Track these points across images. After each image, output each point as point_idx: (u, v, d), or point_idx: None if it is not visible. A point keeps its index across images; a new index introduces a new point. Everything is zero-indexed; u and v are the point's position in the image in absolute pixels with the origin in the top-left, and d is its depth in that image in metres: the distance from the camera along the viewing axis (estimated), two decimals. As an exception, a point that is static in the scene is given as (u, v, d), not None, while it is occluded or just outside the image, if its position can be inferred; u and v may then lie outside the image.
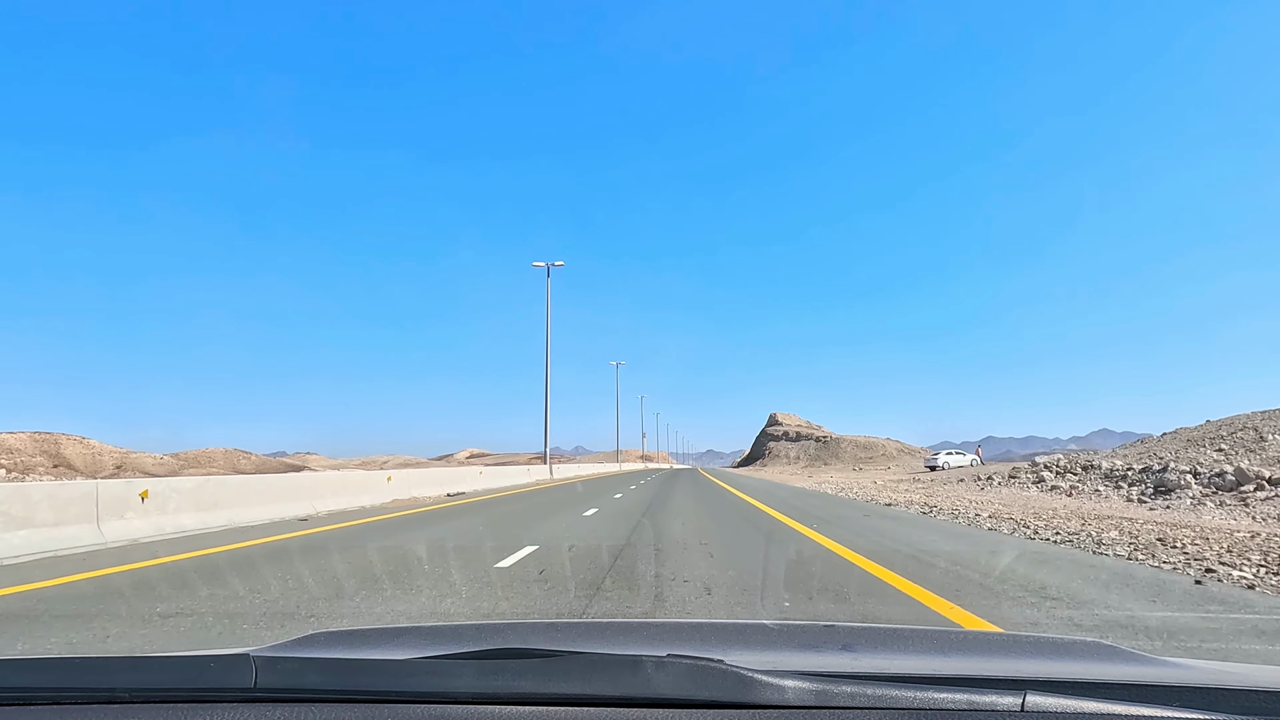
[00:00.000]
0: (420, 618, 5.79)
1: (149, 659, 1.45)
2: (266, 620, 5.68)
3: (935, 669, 1.49)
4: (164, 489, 12.25)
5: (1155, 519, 15.20)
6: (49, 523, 10.09)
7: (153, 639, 5.22)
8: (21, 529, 9.71)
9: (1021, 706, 1.19)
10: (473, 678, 1.28)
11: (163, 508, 12.05)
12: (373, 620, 5.73)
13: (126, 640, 5.18)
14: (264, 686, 1.29)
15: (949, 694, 1.22)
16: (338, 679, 1.33)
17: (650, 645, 1.75)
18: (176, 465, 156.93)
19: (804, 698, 1.22)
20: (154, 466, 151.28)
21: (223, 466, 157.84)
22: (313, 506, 16.49)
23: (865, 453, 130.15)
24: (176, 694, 1.32)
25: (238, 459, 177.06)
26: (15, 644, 5.18)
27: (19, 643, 5.21)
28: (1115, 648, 1.72)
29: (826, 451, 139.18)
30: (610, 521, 14.59)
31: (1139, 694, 1.26)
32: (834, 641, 1.81)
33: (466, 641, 1.67)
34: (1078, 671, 1.43)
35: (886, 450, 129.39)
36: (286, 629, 5.35)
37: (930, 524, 14.70)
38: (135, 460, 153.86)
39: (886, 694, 1.22)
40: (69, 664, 1.45)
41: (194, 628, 5.47)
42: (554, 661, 1.30)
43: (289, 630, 5.25)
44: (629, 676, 1.25)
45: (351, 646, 1.81)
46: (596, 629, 2.24)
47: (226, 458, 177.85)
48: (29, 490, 10.31)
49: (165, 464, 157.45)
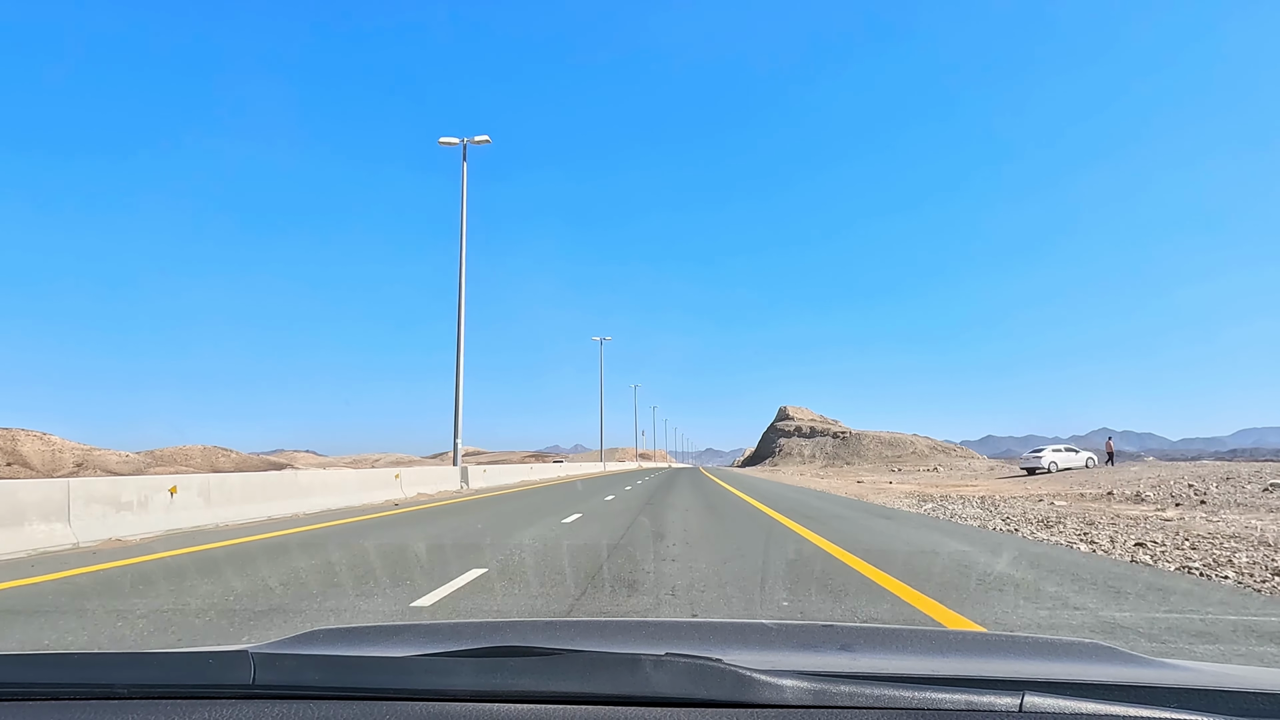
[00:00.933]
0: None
1: (148, 655, 1.47)
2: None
3: (933, 669, 1.49)
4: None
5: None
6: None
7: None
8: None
9: (1019, 707, 1.19)
10: (472, 676, 1.28)
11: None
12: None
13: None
14: (263, 683, 1.29)
15: (947, 694, 1.22)
16: (337, 676, 1.32)
17: (649, 644, 1.73)
18: (144, 463, 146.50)
19: (802, 697, 1.21)
20: (119, 465, 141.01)
21: (200, 465, 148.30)
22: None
23: (892, 450, 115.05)
24: (175, 690, 1.31)
25: (216, 457, 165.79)
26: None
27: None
28: (1113, 649, 1.71)
29: (846, 449, 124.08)
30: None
31: (1137, 695, 1.25)
32: (833, 641, 1.80)
33: (466, 639, 1.66)
34: (1075, 672, 1.43)
35: (917, 448, 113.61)
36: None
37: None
38: (98, 458, 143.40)
39: (885, 694, 1.22)
40: (67, 659, 1.47)
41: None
42: (553, 660, 1.30)
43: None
44: (628, 675, 1.25)
45: (351, 644, 1.80)
46: (595, 627, 2.21)
47: (205, 455, 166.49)
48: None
49: (131, 461, 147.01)
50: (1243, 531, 11.43)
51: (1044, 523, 13.80)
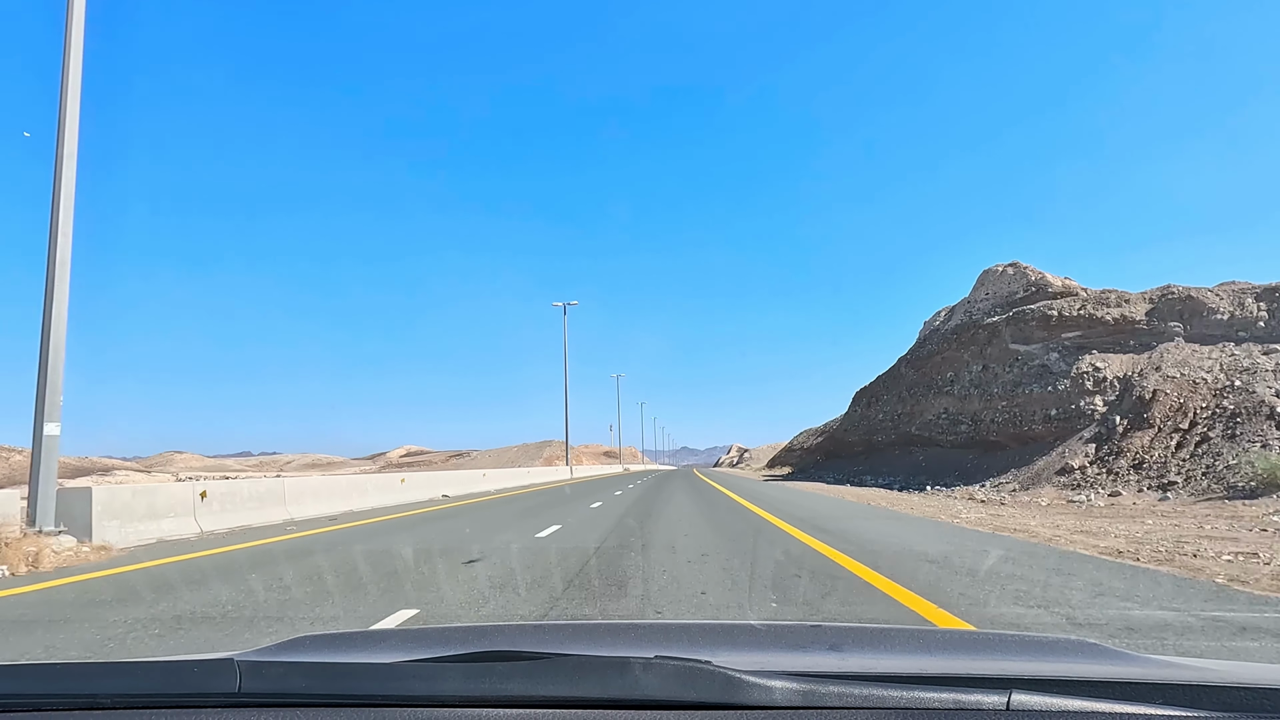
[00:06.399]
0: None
1: (131, 664, 1.52)
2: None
3: (921, 668, 1.48)
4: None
5: None
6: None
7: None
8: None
9: (1007, 705, 1.19)
10: (460, 681, 1.28)
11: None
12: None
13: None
14: (248, 691, 1.28)
15: (935, 693, 1.22)
16: (323, 683, 1.31)
17: (638, 647, 1.75)
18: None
19: (791, 698, 1.21)
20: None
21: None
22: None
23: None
24: (159, 699, 1.30)
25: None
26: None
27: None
28: (1099, 646, 1.71)
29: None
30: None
31: (1123, 692, 1.26)
32: (821, 642, 1.79)
33: (454, 644, 1.63)
34: (1062, 670, 1.44)
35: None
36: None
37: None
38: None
39: (873, 694, 1.22)
40: (48, 670, 1.48)
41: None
42: (541, 664, 1.29)
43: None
44: (616, 678, 1.25)
45: (337, 650, 1.78)
46: (584, 630, 2.23)
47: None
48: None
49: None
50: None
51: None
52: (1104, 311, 32.05)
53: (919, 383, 45.52)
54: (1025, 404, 32.67)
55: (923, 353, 47.28)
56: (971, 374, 38.49)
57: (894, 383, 50.87)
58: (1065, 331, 32.99)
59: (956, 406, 38.89)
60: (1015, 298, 38.83)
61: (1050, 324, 33.51)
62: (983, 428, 35.36)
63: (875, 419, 51.91)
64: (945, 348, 43.29)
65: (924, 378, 45.02)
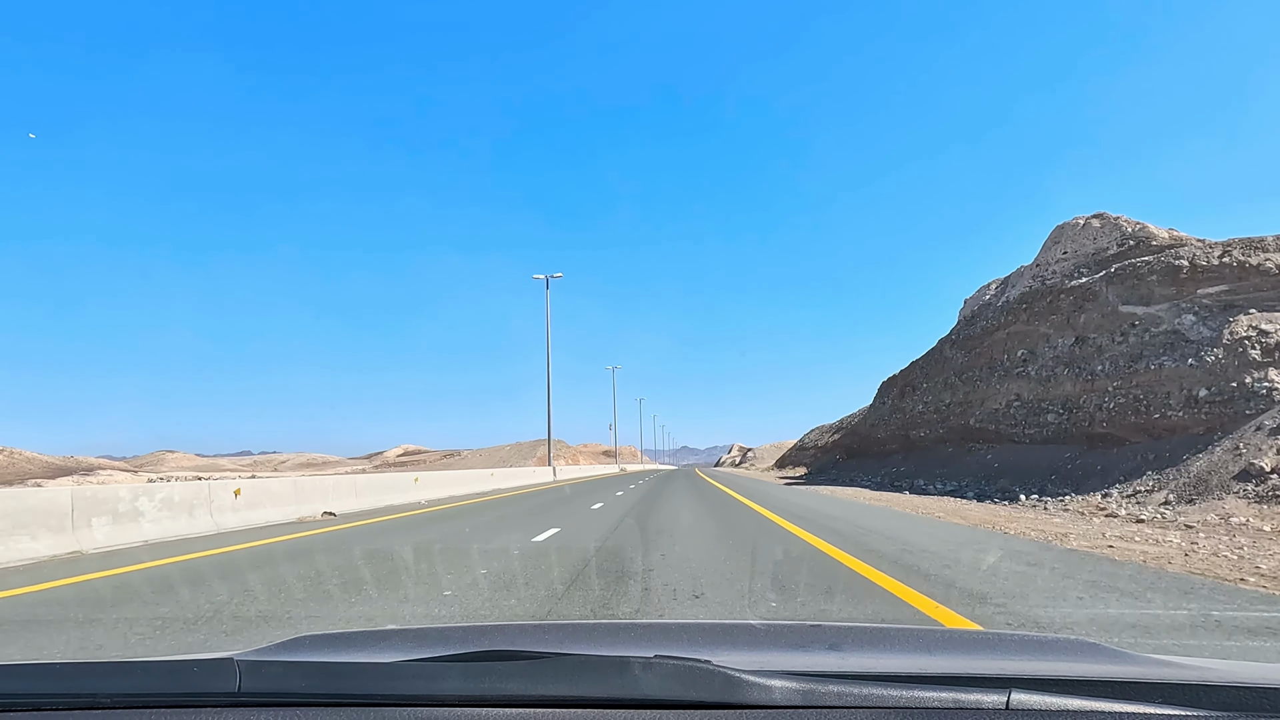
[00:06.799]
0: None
1: (130, 664, 1.46)
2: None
3: (921, 667, 1.47)
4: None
5: None
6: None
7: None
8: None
9: (1006, 704, 1.19)
10: (460, 680, 1.27)
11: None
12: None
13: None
14: (248, 691, 1.27)
15: (935, 692, 1.21)
16: (323, 683, 1.30)
17: (637, 646, 1.74)
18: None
19: (791, 697, 1.21)
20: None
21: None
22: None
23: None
24: (159, 699, 1.29)
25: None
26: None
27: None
28: (1099, 645, 1.70)
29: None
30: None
31: (1123, 691, 1.25)
32: (820, 641, 1.79)
33: (454, 644, 1.63)
34: (1062, 669, 1.43)
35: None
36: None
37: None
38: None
39: (873, 693, 1.21)
40: (48, 670, 1.44)
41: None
42: (541, 663, 1.29)
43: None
44: (616, 677, 1.24)
45: (337, 649, 1.79)
46: (584, 630, 2.23)
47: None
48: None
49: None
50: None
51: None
52: (1261, 258, 23.47)
53: (972, 366, 37.47)
54: (1152, 383, 24.10)
55: (973, 331, 38.97)
56: (1057, 349, 29.98)
57: (936, 368, 42.89)
58: (1203, 287, 24.42)
59: (1036, 391, 30.39)
60: (1107, 254, 30.33)
61: (1180, 277, 24.97)
62: (1082, 416, 26.82)
63: (912, 411, 43.76)
64: (1008, 321, 34.91)
65: (979, 359, 36.90)
